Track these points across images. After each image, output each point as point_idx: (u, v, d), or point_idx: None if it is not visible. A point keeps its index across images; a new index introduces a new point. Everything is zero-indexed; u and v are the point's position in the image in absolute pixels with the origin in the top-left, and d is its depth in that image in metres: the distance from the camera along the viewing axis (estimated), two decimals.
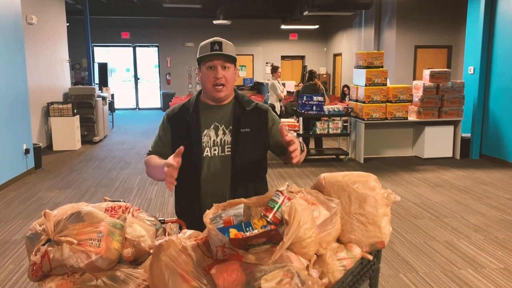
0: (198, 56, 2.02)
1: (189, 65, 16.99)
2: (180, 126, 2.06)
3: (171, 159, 1.73)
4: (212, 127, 2.04)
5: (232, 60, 2.00)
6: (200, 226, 1.52)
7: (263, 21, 16.32)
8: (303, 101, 7.63)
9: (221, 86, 1.98)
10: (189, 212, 2.02)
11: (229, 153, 2.02)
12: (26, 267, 3.77)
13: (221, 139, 2.03)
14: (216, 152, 2.03)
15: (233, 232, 1.41)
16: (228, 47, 1.99)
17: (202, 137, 2.02)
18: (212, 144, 2.03)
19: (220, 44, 1.96)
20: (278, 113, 8.93)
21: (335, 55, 16.67)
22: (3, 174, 6.24)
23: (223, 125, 2.04)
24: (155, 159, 2.04)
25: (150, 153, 2.13)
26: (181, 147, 1.75)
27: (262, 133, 2.08)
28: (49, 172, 7.17)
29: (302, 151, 1.92)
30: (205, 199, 1.98)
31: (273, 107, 8.72)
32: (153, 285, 1.41)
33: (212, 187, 2.00)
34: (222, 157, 2.02)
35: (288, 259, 1.34)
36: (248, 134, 2.03)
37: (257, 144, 2.08)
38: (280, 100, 9.20)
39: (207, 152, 2.02)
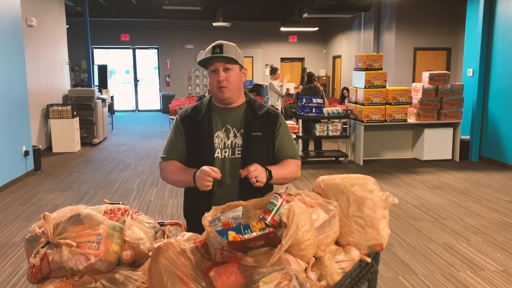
0: (200, 60, 2.06)
1: (188, 67, 17.00)
2: (193, 127, 2.09)
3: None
4: (223, 129, 2.07)
5: (233, 61, 2.01)
6: None
7: (263, 23, 16.35)
8: (303, 103, 7.64)
9: (224, 88, 2.01)
10: (198, 213, 1.99)
11: (239, 155, 2.04)
12: (25, 269, 3.77)
13: (232, 142, 2.06)
14: (226, 155, 2.05)
15: (231, 234, 1.41)
16: (230, 49, 2.01)
17: (214, 138, 2.05)
18: (223, 146, 2.05)
19: (221, 47, 2.00)
20: (282, 113, 8.93)
21: (334, 57, 16.69)
22: (3, 176, 6.24)
23: (234, 128, 2.07)
24: (178, 164, 2.09)
25: (165, 158, 2.13)
26: (219, 173, 1.91)
27: (272, 137, 2.12)
28: (49, 174, 7.17)
29: (268, 178, 1.98)
30: (215, 200, 1.99)
31: (273, 107, 8.70)
32: None
33: (222, 189, 2.02)
34: (233, 160, 2.04)
35: (287, 262, 1.35)
36: (259, 137, 2.06)
37: (267, 148, 2.11)
38: (281, 98, 9.17)
39: (217, 153, 2.05)
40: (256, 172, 1.90)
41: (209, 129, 2.06)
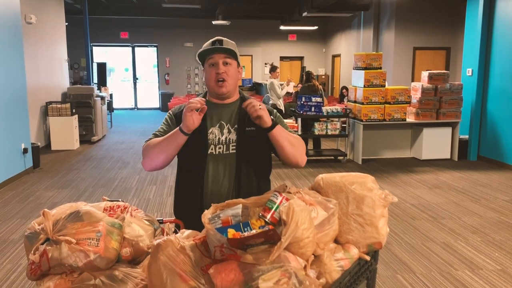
0: (199, 52, 2.03)
1: (188, 65, 16.99)
2: None
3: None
4: (217, 125, 2.05)
5: (233, 55, 2.01)
6: (202, 226, 1.51)
7: (262, 22, 16.34)
8: (302, 102, 7.64)
9: (223, 82, 1.99)
10: (190, 211, 1.96)
11: (234, 151, 2.02)
12: (23, 267, 3.77)
13: (226, 138, 2.03)
14: (220, 150, 2.02)
15: (231, 232, 1.41)
16: (229, 44, 2.02)
17: (208, 134, 2.03)
18: (217, 142, 2.03)
19: (220, 41, 2.00)
20: (283, 112, 8.91)
21: (333, 56, 16.69)
22: (1, 174, 6.24)
23: (228, 124, 2.05)
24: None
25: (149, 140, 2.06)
26: (204, 104, 1.87)
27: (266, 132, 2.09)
28: (47, 172, 7.17)
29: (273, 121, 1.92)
30: (208, 197, 1.97)
31: (275, 106, 8.70)
32: (151, 285, 1.42)
33: (215, 186, 2.00)
34: (227, 155, 2.02)
35: (286, 259, 1.35)
36: (253, 132, 2.03)
37: (262, 143, 2.06)
38: (280, 98, 9.16)
39: (211, 149, 2.02)
40: (255, 102, 1.87)
41: (203, 125, 2.02)
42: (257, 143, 2.05)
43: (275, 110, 2.17)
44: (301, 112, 7.65)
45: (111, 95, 13.70)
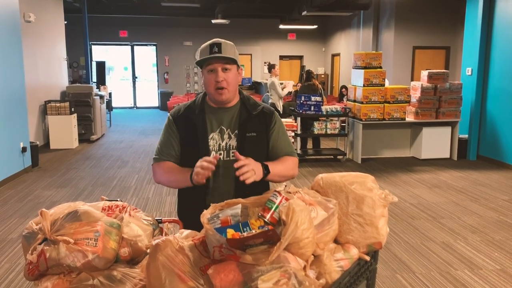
0: (198, 59, 1.99)
1: (187, 64, 16.96)
2: (187, 128, 2.02)
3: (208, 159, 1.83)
4: (218, 131, 2.01)
5: (232, 61, 1.96)
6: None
7: (262, 21, 16.31)
8: (301, 101, 7.63)
9: (223, 89, 1.94)
10: (192, 215, 1.90)
11: (234, 157, 1.97)
12: (22, 266, 3.76)
13: (226, 143, 2.00)
14: (221, 157, 1.99)
15: (230, 232, 1.40)
16: (228, 48, 1.95)
17: (209, 140, 1.99)
18: (218, 148, 1.99)
19: (219, 45, 1.93)
20: (281, 112, 8.91)
21: (333, 55, 16.68)
22: (0, 172, 6.22)
23: (228, 129, 2.01)
24: (173, 164, 2.02)
25: (159, 159, 2.05)
26: (217, 155, 1.87)
27: (267, 137, 2.06)
28: (46, 171, 7.15)
29: (265, 174, 1.90)
30: (210, 202, 1.95)
31: (274, 105, 8.69)
32: (149, 285, 1.41)
33: (217, 192, 1.97)
34: (227, 162, 1.98)
35: (286, 260, 1.34)
36: (254, 138, 2.00)
37: (263, 148, 2.04)
38: (281, 98, 9.15)
39: (212, 156, 1.98)
40: (250, 167, 1.79)
41: (204, 131, 1.99)
42: (257, 148, 2.02)
43: (275, 112, 2.14)
44: (301, 111, 7.64)
45: (110, 94, 13.69)
